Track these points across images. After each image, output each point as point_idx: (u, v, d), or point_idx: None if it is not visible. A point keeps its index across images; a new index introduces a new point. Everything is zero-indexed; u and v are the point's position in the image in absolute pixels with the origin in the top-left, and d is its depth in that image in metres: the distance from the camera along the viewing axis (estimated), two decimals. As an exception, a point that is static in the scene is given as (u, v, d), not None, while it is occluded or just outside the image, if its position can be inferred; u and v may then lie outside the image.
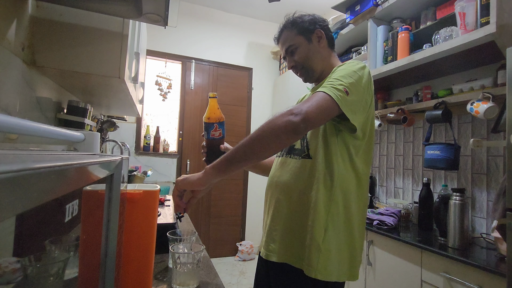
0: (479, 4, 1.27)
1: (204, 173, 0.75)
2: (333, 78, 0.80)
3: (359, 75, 0.81)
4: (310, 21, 0.96)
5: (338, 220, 0.82)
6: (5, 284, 0.36)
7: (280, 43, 1.01)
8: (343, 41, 2.26)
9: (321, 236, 0.80)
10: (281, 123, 0.70)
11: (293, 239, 0.85)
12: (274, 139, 0.71)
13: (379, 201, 2.22)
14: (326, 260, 0.79)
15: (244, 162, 0.72)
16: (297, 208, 0.86)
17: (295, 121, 0.69)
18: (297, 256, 0.83)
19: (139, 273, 0.69)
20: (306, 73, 0.98)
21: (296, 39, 0.96)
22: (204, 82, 3.29)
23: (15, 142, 0.79)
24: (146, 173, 2.33)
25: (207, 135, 0.93)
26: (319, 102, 0.73)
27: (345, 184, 0.83)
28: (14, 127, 0.36)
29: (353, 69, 0.82)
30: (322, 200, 0.81)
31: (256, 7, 3.18)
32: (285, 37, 0.98)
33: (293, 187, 0.87)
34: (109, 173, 0.43)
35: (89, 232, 0.50)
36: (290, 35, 0.97)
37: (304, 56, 0.95)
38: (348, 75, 0.80)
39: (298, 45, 0.96)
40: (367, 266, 1.66)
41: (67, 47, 1.00)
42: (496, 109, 1.30)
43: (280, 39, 1.00)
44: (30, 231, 0.72)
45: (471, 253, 1.26)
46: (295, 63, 0.97)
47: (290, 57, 0.98)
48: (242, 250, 3.20)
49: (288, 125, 0.69)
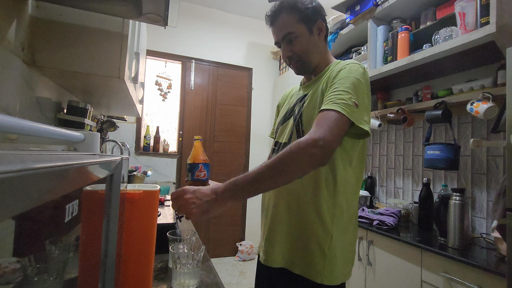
0: (479, 4, 1.27)
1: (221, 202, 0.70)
2: (340, 90, 0.77)
3: (363, 82, 0.80)
4: (313, 10, 0.88)
5: (342, 224, 0.82)
6: (5, 284, 0.36)
7: (275, 26, 0.90)
8: (343, 41, 2.26)
9: (327, 243, 0.79)
10: (307, 158, 0.68)
11: (294, 245, 0.83)
12: (299, 172, 0.70)
13: (379, 201, 2.21)
14: (332, 265, 0.79)
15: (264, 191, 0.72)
16: (298, 214, 0.84)
17: (319, 154, 0.68)
18: (299, 262, 0.81)
19: (139, 273, 0.69)
20: (301, 66, 0.92)
21: (297, 28, 0.87)
22: (204, 82, 3.29)
23: (15, 142, 0.79)
24: (146, 173, 2.33)
25: (191, 176, 0.87)
26: (338, 125, 0.71)
27: (347, 188, 0.83)
28: (14, 127, 0.36)
29: (356, 76, 0.80)
30: (326, 206, 0.80)
31: (256, 7, 3.18)
32: (283, 22, 0.88)
33: (292, 193, 0.85)
34: (109, 173, 0.43)
35: (89, 232, 0.50)
36: (290, 21, 0.87)
37: (304, 49, 0.89)
38: (354, 84, 0.78)
39: (298, 34, 0.87)
40: (367, 266, 1.66)
41: (67, 47, 1.00)
42: (496, 109, 1.30)
43: (276, 22, 0.89)
44: (30, 231, 0.72)
45: (471, 253, 1.26)
46: (292, 53, 0.89)
47: (287, 46, 0.89)
48: (242, 250, 3.20)
49: (314, 159, 0.68)
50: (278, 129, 0.98)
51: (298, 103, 0.93)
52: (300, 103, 0.92)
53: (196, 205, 0.69)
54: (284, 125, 0.95)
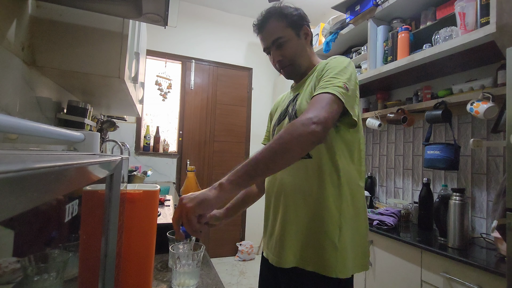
0: (479, 4, 1.27)
1: (220, 190, 0.65)
2: (330, 76, 0.80)
3: (350, 70, 0.83)
4: (298, 16, 0.93)
5: (349, 215, 0.83)
6: (4, 284, 0.36)
7: (264, 33, 0.93)
8: (343, 41, 2.26)
9: (336, 235, 0.80)
10: (306, 134, 0.68)
11: (305, 243, 0.83)
12: (299, 150, 0.69)
13: (379, 201, 2.22)
14: (344, 258, 0.79)
15: (265, 174, 0.70)
16: (306, 211, 0.84)
17: (319, 130, 0.68)
18: (311, 259, 0.81)
19: (139, 273, 0.69)
20: (292, 70, 0.95)
21: (286, 32, 0.90)
22: (204, 82, 3.29)
23: (15, 142, 0.79)
24: (146, 173, 2.33)
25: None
26: (331, 105, 0.73)
27: (351, 179, 0.84)
28: (14, 127, 0.36)
29: (344, 65, 0.83)
30: (332, 199, 0.81)
31: (256, 7, 3.18)
32: (272, 28, 0.91)
33: (298, 190, 0.85)
34: (109, 173, 0.43)
35: (89, 232, 0.50)
36: (278, 26, 0.91)
37: (293, 52, 0.92)
38: (342, 71, 0.81)
39: (287, 38, 0.91)
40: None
41: (67, 47, 1.00)
42: (496, 109, 1.30)
43: (265, 29, 0.93)
44: (30, 231, 0.72)
45: (471, 253, 1.26)
46: (283, 57, 0.92)
47: (277, 51, 0.92)
48: (242, 250, 3.20)
49: (313, 135, 0.68)
50: (275, 131, 1.00)
51: (291, 103, 0.95)
52: (293, 103, 0.94)
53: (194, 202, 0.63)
54: (280, 126, 0.97)
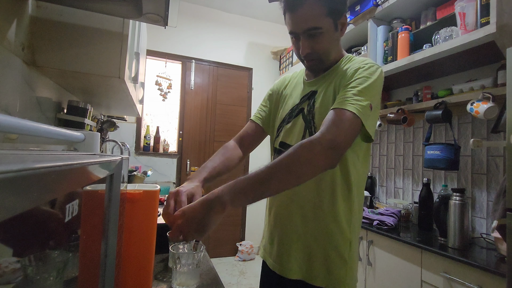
0: (479, 4, 1.27)
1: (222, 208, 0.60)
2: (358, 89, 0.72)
3: (378, 83, 0.76)
4: (342, 2, 0.78)
5: (357, 228, 0.82)
6: (4, 284, 0.36)
7: (298, 15, 0.75)
8: (343, 41, 2.26)
9: (346, 250, 0.78)
10: (322, 159, 0.64)
11: (312, 256, 0.80)
12: (311, 174, 0.64)
13: (379, 201, 2.22)
14: (352, 270, 0.79)
15: (269, 194, 0.65)
16: (315, 223, 0.80)
17: (334, 156, 0.65)
18: (319, 274, 0.78)
19: (139, 273, 0.69)
20: (318, 64, 0.83)
21: (325, 22, 0.76)
22: (204, 82, 3.29)
23: (15, 142, 0.79)
24: (146, 173, 2.33)
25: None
26: (351, 127, 0.68)
27: (359, 191, 0.82)
28: (14, 127, 0.36)
29: (374, 77, 0.75)
30: (343, 214, 0.78)
31: (256, 7, 3.18)
32: (310, 12, 0.74)
33: (307, 201, 0.81)
34: (109, 173, 0.43)
35: (89, 232, 0.50)
36: (318, 13, 0.74)
37: (326, 47, 0.80)
38: (371, 86, 0.73)
39: (324, 30, 0.76)
40: (367, 266, 1.66)
41: (67, 47, 1.00)
42: (496, 109, 1.30)
43: (300, 10, 0.74)
44: (30, 231, 0.72)
45: (471, 253, 1.26)
46: (312, 51, 0.79)
47: (308, 40, 0.78)
48: (242, 250, 3.20)
49: (328, 160, 0.64)
50: (281, 129, 0.91)
51: (306, 100, 0.86)
52: (309, 101, 0.85)
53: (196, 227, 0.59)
54: (291, 125, 0.88)
